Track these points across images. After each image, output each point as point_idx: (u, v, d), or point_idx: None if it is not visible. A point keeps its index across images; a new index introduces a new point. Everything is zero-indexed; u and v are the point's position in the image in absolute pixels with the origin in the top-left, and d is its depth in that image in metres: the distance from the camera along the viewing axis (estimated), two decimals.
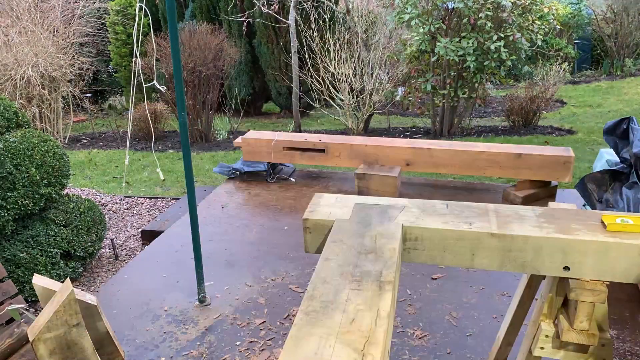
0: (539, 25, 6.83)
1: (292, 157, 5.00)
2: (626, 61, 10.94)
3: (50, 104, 7.10)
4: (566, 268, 1.49)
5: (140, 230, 4.44)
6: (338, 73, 7.17)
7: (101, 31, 9.41)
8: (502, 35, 6.45)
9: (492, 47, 6.37)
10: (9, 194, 3.07)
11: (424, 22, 6.62)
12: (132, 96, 3.20)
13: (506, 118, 7.82)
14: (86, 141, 7.96)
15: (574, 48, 11.37)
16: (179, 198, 5.16)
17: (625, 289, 3.07)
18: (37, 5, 7.26)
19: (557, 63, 10.21)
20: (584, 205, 3.48)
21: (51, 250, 3.30)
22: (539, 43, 6.85)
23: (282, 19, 8.16)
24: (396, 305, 2.82)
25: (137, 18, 2.83)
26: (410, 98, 7.53)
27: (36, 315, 1.92)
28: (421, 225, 1.58)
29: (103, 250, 4.12)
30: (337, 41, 7.20)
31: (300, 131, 7.77)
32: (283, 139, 4.99)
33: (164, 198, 5.25)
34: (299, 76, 7.78)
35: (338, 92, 7.31)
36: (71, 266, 3.46)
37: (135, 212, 4.94)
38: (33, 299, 3.22)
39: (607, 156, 3.75)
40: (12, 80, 6.48)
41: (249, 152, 5.12)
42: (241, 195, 4.82)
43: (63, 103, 7.64)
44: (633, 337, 2.66)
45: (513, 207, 1.68)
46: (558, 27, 8.21)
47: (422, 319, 2.84)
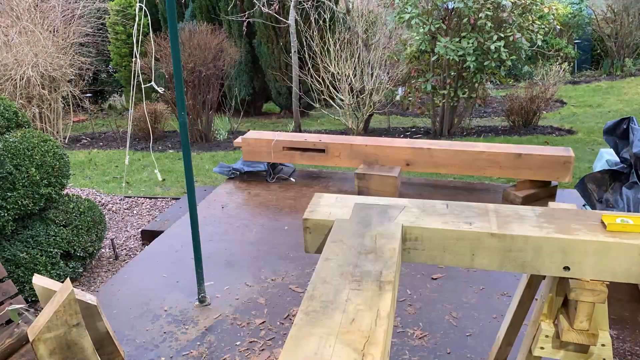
0: (539, 25, 6.83)
1: (292, 157, 5.00)
2: (626, 61, 10.94)
3: (50, 104, 7.10)
4: (566, 268, 1.50)
5: (140, 230, 4.44)
6: (338, 73, 7.17)
7: (101, 31, 9.41)
8: (502, 35, 6.45)
9: (492, 47, 6.37)
10: (9, 194, 3.07)
11: (424, 22, 6.62)
12: (132, 96, 3.20)
13: (506, 118, 7.82)
14: (86, 141, 7.96)
15: (574, 48, 11.37)
16: (179, 198, 5.16)
17: (625, 289, 3.07)
18: (37, 5, 7.26)
19: (557, 63, 10.21)
20: (584, 205, 3.48)
21: (51, 250, 3.30)
22: (539, 43, 6.85)
23: (282, 19, 8.16)
24: (396, 305, 2.82)
25: (137, 18, 2.83)
26: (410, 98, 7.53)
27: (36, 315, 1.92)
28: (421, 225, 1.58)
29: (103, 250, 4.12)
30: (337, 41, 7.20)
31: (300, 131, 7.77)
32: (283, 139, 4.99)
33: (164, 198, 5.25)
34: (299, 76, 7.78)
35: (338, 92, 7.31)
36: (71, 266, 3.46)
37: (135, 212, 4.94)
38: (33, 299, 3.22)
39: (607, 156, 3.75)
40: (12, 80, 6.48)
41: (249, 152, 5.12)
42: (241, 195, 4.82)
43: (63, 103, 7.64)
44: (633, 337, 2.66)
45: (513, 207, 1.68)
46: (558, 27, 8.21)
47: (422, 319, 2.84)
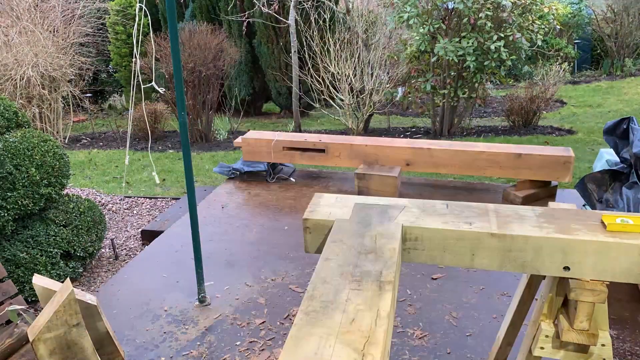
0: (539, 25, 6.83)
1: (292, 157, 5.00)
2: (626, 61, 10.93)
3: (50, 104, 7.10)
4: (566, 268, 1.50)
5: (140, 230, 4.44)
6: (338, 73, 7.17)
7: (101, 31, 9.41)
8: (502, 35, 6.45)
9: (492, 47, 6.37)
10: (9, 194, 3.07)
11: (424, 22, 6.62)
12: (132, 96, 3.20)
13: (506, 118, 7.82)
14: (86, 141, 7.96)
15: (574, 48, 11.37)
16: (179, 198, 5.16)
17: (625, 289, 3.07)
18: (37, 5, 7.26)
19: (557, 63, 10.21)
20: (584, 205, 3.48)
21: (51, 250, 3.30)
22: (539, 43, 6.84)
23: (282, 19, 8.15)
24: (396, 305, 2.82)
25: (137, 18, 2.83)
26: (410, 98, 7.53)
27: (36, 315, 1.92)
28: (421, 225, 1.58)
29: (103, 250, 4.12)
30: (337, 41, 7.20)
31: (300, 131, 7.77)
32: (283, 139, 4.99)
33: (164, 198, 5.25)
34: (299, 76, 7.78)
35: (338, 92, 7.31)
36: (71, 266, 3.46)
37: (135, 212, 4.94)
38: (33, 299, 3.22)
39: (607, 156, 3.75)
40: (12, 80, 6.48)
41: (249, 152, 5.12)
42: (241, 195, 4.82)
43: (63, 103, 7.64)
44: (633, 337, 2.66)
45: (513, 207, 1.68)
46: (558, 27, 8.21)
47: (422, 319, 2.84)
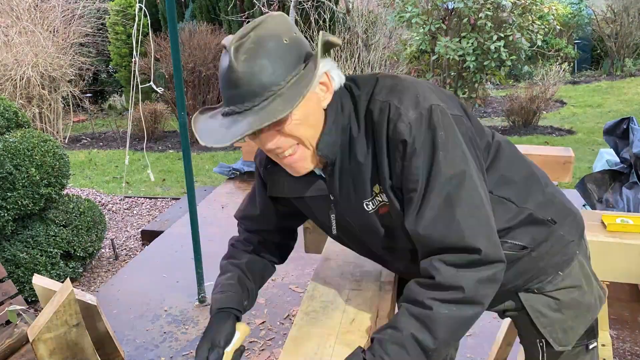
0: (539, 25, 6.83)
1: None
2: (626, 61, 10.93)
3: (50, 104, 7.09)
4: None
5: (140, 230, 4.44)
6: None
7: (101, 31, 9.41)
8: (502, 35, 6.45)
9: (492, 47, 6.37)
10: (9, 194, 3.07)
11: (424, 22, 6.62)
12: (132, 96, 3.20)
13: (506, 118, 7.82)
14: (86, 141, 7.97)
15: (574, 48, 11.36)
16: (179, 198, 5.15)
17: (625, 289, 3.06)
18: (37, 5, 7.26)
19: (557, 63, 10.20)
20: (584, 205, 3.48)
21: (51, 250, 3.30)
22: (539, 43, 6.84)
23: None
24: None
25: (137, 18, 2.83)
26: None
27: (36, 315, 1.92)
28: None
29: (103, 250, 4.12)
30: None
31: None
32: None
33: (164, 198, 5.25)
34: None
35: None
36: (71, 266, 3.45)
37: (135, 212, 4.94)
38: (33, 299, 3.21)
39: (607, 156, 3.74)
40: (12, 80, 6.48)
41: (249, 152, 5.11)
42: (241, 195, 4.82)
43: (63, 103, 7.64)
44: (633, 337, 2.66)
45: None
46: (558, 27, 8.19)
47: None
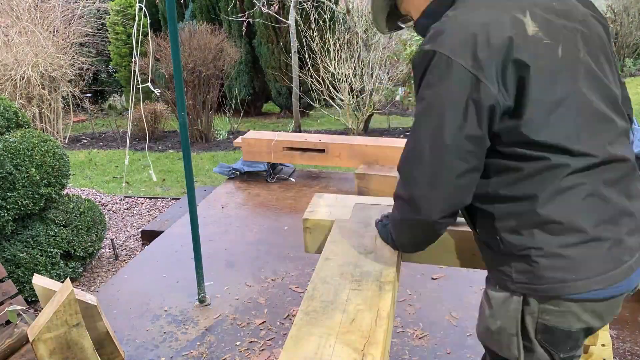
0: None
1: (292, 157, 4.99)
2: (626, 61, 10.93)
3: (50, 104, 7.09)
4: None
5: (140, 230, 4.44)
6: (338, 73, 7.17)
7: (101, 31, 9.41)
8: None
9: None
10: (9, 194, 3.07)
11: None
12: (132, 96, 3.20)
13: None
14: (86, 141, 7.97)
15: None
16: (179, 198, 5.16)
17: None
18: (37, 5, 7.26)
19: None
20: None
21: (51, 250, 3.30)
22: None
23: (282, 19, 8.15)
24: (396, 305, 2.82)
25: (137, 18, 2.83)
26: (410, 98, 7.52)
27: (36, 315, 1.92)
28: None
29: (103, 250, 4.12)
30: (337, 41, 7.19)
31: (300, 131, 7.76)
32: (283, 139, 4.99)
33: (164, 198, 5.25)
34: (299, 76, 7.78)
35: (338, 92, 7.31)
36: (71, 266, 3.46)
37: (135, 212, 4.94)
38: (33, 299, 3.22)
39: None
40: (12, 80, 6.48)
41: (249, 152, 5.12)
42: (241, 195, 4.82)
43: (63, 103, 7.64)
44: (633, 337, 2.66)
45: None
46: None
47: (422, 319, 2.84)
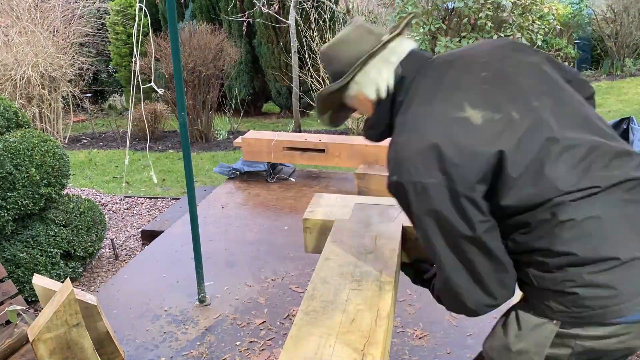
0: (539, 25, 6.83)
1: (292, 157, 4.99)
2: (626, 61, 10.92)
3: (50, 104, 7.09)
4: None
5: (140, 230, 4.44)
6: None
7: (101, 31, 9.41)
8: (502, 35, 6.44)
9: None
10: (9, 194, 3.07)
11: (424, 22, 6.62)
12: (132, 96, 3.20)
13: None
14: (86, 141, 7.97)
15: (574, 48, 11.35)
16: (179, 198, 5.15)
17: None
18: (37, 5, 7.26)
19: None
20: None
21: (51, 250, 3.30)
22: (539, 43, 6.83)
23: (282, 19, 8.15)
24: (396, 305, 2.82)
25: (137, 18, 2.83)
26: None
27: (36, 315, 1.92)
28: None
29: (103, 250, 4.12)
30: None
31: (300, 131, 7.76)
32: (283, 139, 4.98)
33: (164, 198, 5.25)
34: (299, 76, 7.78)
35: None
36: (71, 266, 3.46)
37: (135, 212, 4.94)
38: (33, 299, 3.22)
39: None
40: (12, 80, 6.48)
41: (249, 152, 5.12)
42: (241, 195, 4.82)
43: (63, 103, 7.64)
44: None
45: None
46: (558, 27, 8.19)
47: (422, 319, 2.84)
